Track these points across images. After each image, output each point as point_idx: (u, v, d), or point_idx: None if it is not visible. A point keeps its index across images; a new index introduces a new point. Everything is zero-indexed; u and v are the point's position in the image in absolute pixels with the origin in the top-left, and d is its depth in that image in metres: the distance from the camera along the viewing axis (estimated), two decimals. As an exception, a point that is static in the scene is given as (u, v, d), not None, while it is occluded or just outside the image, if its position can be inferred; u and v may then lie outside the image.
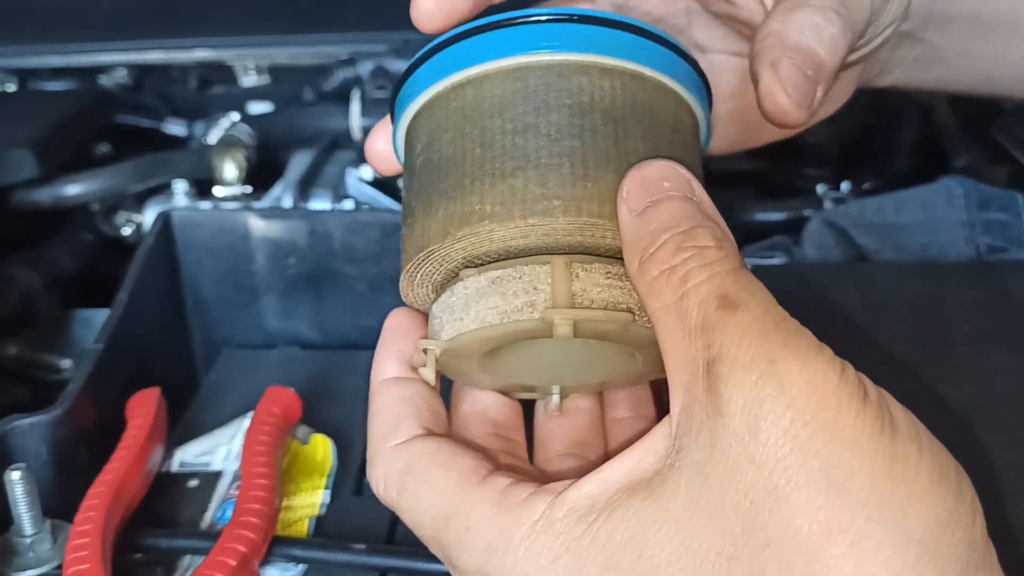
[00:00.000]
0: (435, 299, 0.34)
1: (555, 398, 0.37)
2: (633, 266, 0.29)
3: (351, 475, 0.49)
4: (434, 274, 0.33)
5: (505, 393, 0.37)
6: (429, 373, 0.34)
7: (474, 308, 0.31)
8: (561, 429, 0.37)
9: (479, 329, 0.31)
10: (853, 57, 0.40)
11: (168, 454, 0.49)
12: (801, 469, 0.25)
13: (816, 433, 0.25)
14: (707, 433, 0.26)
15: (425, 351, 0.33)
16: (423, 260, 0.32)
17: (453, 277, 0.33)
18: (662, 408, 0.38)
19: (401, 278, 0.34)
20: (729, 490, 0.25)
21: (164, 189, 0.80)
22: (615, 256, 0.31)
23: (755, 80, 0.34)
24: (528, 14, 0.32)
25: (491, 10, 0.37)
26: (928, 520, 0.25)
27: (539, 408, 0.38)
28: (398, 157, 0.38)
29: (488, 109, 0.32)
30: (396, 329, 0.36)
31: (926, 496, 0.25)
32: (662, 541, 0.26)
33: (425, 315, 0.36)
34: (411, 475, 0.31)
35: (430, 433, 0.33)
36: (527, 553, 0.28)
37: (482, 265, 0.32)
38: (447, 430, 0.35)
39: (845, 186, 0.80)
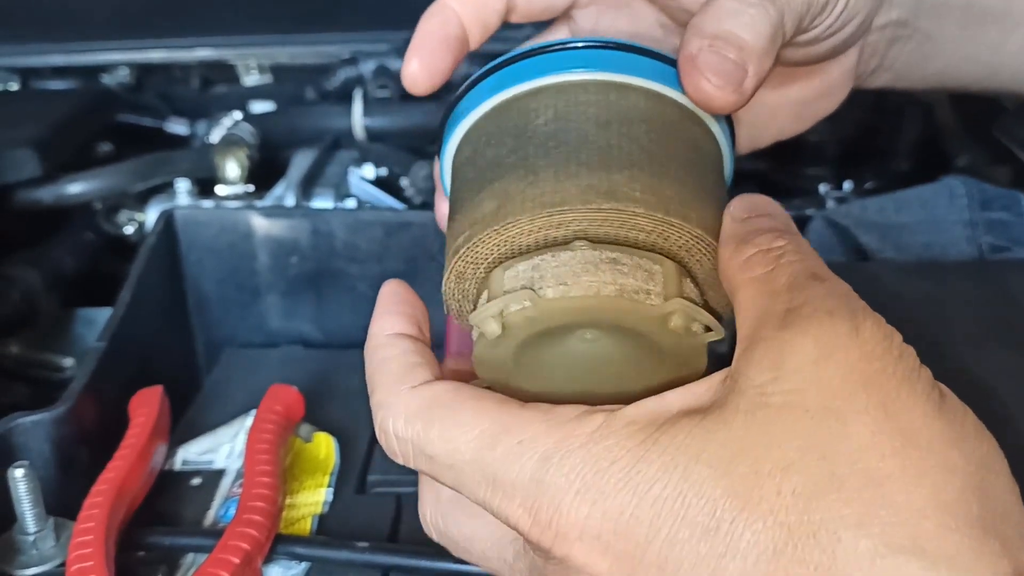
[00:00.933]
0: (498, 266, 0.33)
1: None
2: (728, 250, 0.31)
3: (354, 473, 0.49)
4: (519, 238, 0.32)
5: None
6: (495, 326, 0.31)
7: (586, 278, 0.31)
8: None
9: (589, 297, 0.30)
10: (821, 48, 0.40)
11: (171, 452, 0.49)
12: (861, 397, 0.26)
13: (878, 371, 0.27)
14: (772, 358, 0.28)
15: (506, 310, 0.31)
16: (542, 218, 0.32)
17: (531, 251, 0.32)
18: None
19: (494, 228, 0.32)
20: (791, 406, 0.27)
21: (166, 188, 0.80)
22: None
23: (681, 80, 0.35)
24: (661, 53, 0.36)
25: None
26: (972, 459, 0.26)
27: None
28: (469, 104, 0.37)
29: (634, 116, 0.34)
30: (396, 294, 0.36)
31: (971, 440, 0.27)
32: (721, 447, 0.27)
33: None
34: (440, 407, 0.31)
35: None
36: (585, 456, 0.28)
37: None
38: None
39: (847, 185, 0.80)
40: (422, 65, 0.40)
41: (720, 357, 0.31)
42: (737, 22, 0.34)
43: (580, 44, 0.36)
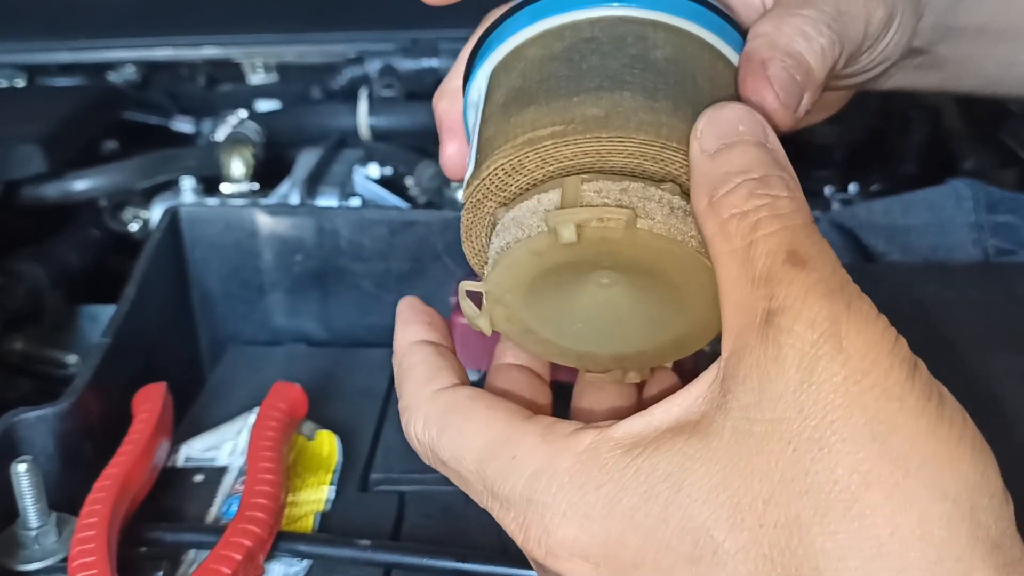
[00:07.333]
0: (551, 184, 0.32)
1: (632, 374, 0.35)
2: (702, 204, 0.29)
3: (356, 471, 0.49)
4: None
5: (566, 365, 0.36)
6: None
7: (673, 221, 0.30)
8: (601, 404, 0.36)
9: (676, 242, 0.30)
10: (851, 82, 0.41)
11: (174, 449, 0.50)
12: (847, 423, 0.26)
13: (866, 390, 0.26)
14: (756, 379, 0.27)
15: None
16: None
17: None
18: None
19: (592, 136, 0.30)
20: (774, 436, 0.26)
21: (171, 186, 0.80)
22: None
23: (743, 79, 0.34)
24: None
25: None
26: (965, 482, 0.25)
27: (580, 379, 0.36)
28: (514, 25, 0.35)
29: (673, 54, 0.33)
30: (413, 306, 0.36)
31: (966, 459, 0.26)
32: (702, 478, 0.27)
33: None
34: (455, 413, 0.32)
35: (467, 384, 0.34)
36: (572, 480, 0.28)
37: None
38: None
39: (853, 188, 0.80)
40: None
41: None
42: (808, 48, 0.34)
43: None
